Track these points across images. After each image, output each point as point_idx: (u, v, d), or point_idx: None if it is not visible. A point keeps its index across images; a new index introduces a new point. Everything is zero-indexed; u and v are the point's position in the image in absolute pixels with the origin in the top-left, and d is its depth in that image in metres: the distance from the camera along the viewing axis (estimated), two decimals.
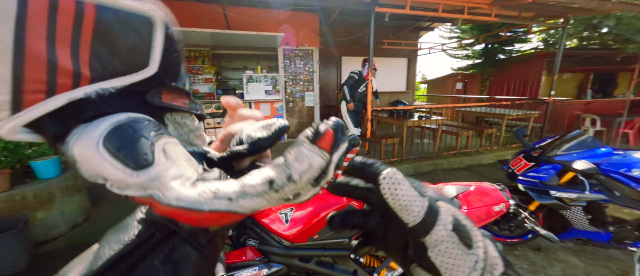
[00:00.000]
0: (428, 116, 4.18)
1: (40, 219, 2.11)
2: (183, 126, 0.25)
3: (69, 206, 2.32)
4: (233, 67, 7.36)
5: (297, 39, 5.64)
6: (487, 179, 3.56)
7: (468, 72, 9.53)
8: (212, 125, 5.20)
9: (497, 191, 1.16)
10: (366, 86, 3.75)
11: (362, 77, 3.69)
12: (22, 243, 1.86)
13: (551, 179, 1.78)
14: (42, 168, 2.18)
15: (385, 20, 4.45)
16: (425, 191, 0.22)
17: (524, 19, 4.38)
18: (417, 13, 3.48)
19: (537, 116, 4.76)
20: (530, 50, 8.37)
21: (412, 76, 8.47)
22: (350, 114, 3.76)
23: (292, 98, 5.98)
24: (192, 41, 5.31)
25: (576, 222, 1.74)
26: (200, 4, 4.73)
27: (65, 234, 2.27)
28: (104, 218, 2.56)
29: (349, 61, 7.69)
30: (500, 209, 1.08)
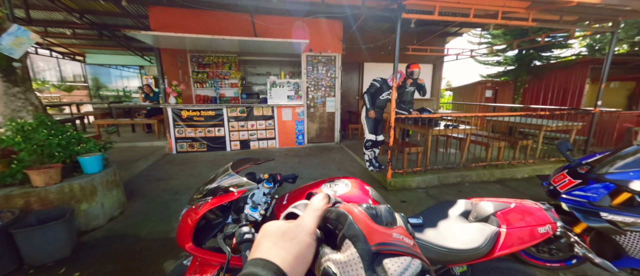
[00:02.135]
0: (455, 125, 3.98)
1: (83, 211, 2.31)
2: None
3: (108, 199, 2.52)
4: (258, 73, 7.62)
5: (320, 46, 5.71)
6: (523, 196, 3.29)
7: (499, 80, 8.99)
8: (236, 128, 5.40)
9: (542, 210, 1.05)
10: (390, 93, 3.68)
11: (385, 84, 3.63)
12: (68, 231, 2.04)
13: (602, 199, 1.59)
14: (88, 163, 2.40)
15: (411, 26, 4.35)
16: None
17: (566, 23, 4.05)
18: (446, 19, 3.37)
19: (581, 128, 4.34)
20: (571, 56, 7.71)
21: (437, 82, 8.18)
22: (367, 120, 3.75)
23: (313, 103, 6.04)
24: (221, 48, 5.59)
25: (632, 250, 1.54)
26: (230, 13, 4.99)
27: (103, 226, 2.46)
28: (137, 212, 2.74)
29: (372, 67, 7.62)
30: (545, 231, 0.98)
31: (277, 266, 0.23)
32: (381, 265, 0.27)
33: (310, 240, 0.28)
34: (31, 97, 2.45)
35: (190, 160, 4.72)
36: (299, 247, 0.26)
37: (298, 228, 0.29)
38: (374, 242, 0.28)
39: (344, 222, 0.30)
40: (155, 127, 5.76)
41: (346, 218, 0.30)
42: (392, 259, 0.27)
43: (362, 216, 0.31)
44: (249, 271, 0.23)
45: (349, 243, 0.28)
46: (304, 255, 0.27)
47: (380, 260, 0.27)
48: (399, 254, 0.28)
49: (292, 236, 0.27)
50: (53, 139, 2.29)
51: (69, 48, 8.46)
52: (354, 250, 0.28)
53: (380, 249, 0.28)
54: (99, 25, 5.92)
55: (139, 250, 2.10)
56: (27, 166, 2.16)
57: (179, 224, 1.13)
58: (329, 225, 0.32)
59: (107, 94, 10.35)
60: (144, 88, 6.48)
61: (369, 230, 0.29)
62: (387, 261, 0.27)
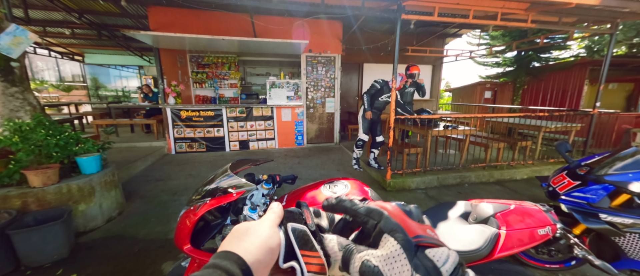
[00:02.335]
0: (455, 126, 3.99)
1: (81, 211, 2.30)
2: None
3: (107, 200, 2.50)
4: (257, 73, 7.62)
5: (319, 46, 5.72)
6: (522, 197, 3.30)
7: (498, 81, 9.02)
8: (235, 128, 5.39)
9: (542, 212, 1.05)
10: (390, 96, 3.70)
11: (386, 86, 3.64)
12: (66, 232, 2.03)
13: (601, 201, 1.59)
14: (86, 164, 2.39)
15: (410, 27, 4.37)
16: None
17: (565, 24, 4.06)
18: (446, 20, 3.38)
19: (580, 129, 4.35)
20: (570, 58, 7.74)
21: (436, 83, 8.19)
22: (363, 119, 3.78)
23: (313, 104, 6.03)
24: (220, 48, 5.59)
25: (632, 251, 1.54)
26: (230, 13, 4.99)
27: (101, 226, 2.44)
28: (135, 213, 2.73)
29: (371, 67, 7.62)
30: (545, 233, 0.98)
31: (238, 256, 0.25)
32: (425, 254, 0.27)
33: (271, 231, 0.30)
34: (29, 97, 2.44)
35: (190, 160, 4.71)
36: (260, 238, 0.28)
37: (259, 223, 0.31)
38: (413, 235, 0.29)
39: (378, 218, 0.30)
40: (154, 128, 5.74)
41: (381, 214, 0.31)
42: (432, 249, 0.28)
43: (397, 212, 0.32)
44: (211, 263, 0.24)
45: (388, 237, 0.28)
46: (266, 243, 0.28)
47: (422, 250, 0.28)
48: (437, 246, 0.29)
49: (254, 231, 0.30)
50: (51, 139, 2.28)
51: (68, 48, 8.44)
52: (394, 243, 0.28)
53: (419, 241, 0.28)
54: (98, 25, 5.91)
55: (137, 251, 2.09)
56: (24, 166, 2.15)
57: (177, 225, 1.13)
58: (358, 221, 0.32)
59: (106, 94, 10.32)
60: (143, 88, 6.47)
61: (405, 224, 0.30)
62: (430, 250, 0.28)
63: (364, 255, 0.29)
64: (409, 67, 4.08)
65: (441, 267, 0.26)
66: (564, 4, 3.06)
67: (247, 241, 0.28)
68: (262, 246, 0.28)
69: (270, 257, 0.28)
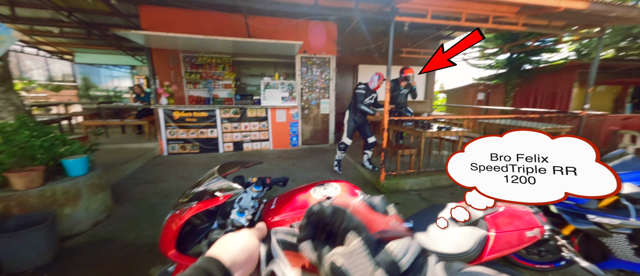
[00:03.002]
0: (448, 127, 4.02)
1: (67, 215, 2.23)
2: None
3: (93, 203, 2.44)
4: (252, 74, 7.56)
5: (314, 47, 5.71)
6: None
7: (491, 83, 9.16)
8: (229, 129, 5.34)
9: (530, 214, 1.06)
10: (374, 98, 3.70)
11: (368, 89, 3.66)
12: (50, 237, 1.96)
13: (589, 202, 1.61)
14: (72, 166, 2.32)
15: (405, 29, 4.40)
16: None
17: (554, 28, 4.14)
18: (439, 22, 3.41)
19: (569, 131, 4.43)
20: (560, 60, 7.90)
21: (430, 85, 8.27)
22: (348, 124, 3.80)
23: (307, 105, 6.02)
24: (214, 48, 5.53)
25: (619, 251, 1.56)
26: (223, 13, 4.94)
27: (88, 230, 2.37)
28: (123, 216, 2.66)
29: (366, 69, 7.65)
30: (533, 235, 0.98)
31: (216, 259, 0.27)
32: (384, 249, 0.29)
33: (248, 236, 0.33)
34: (12, 97, 2.36)
35: (182, 162, 4.63)
36: (237, 242, 0.31)
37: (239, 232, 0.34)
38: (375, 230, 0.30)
39: (343, 216, 0.32)
40: (145, 129, 5.64)
41: (345, 212, 0.32)
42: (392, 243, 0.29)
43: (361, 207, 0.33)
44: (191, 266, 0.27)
45: (351, 235, 0.30)
46: (242, 246, 0.31)
47: (383, 245, 0.29)
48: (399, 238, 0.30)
49: (232, 237, 0.32)
50: (35, 140, 2.21)
51: (57, 47, 8.24)
52: (357, 240, 0.29)
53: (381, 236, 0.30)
54: (87, 23, 5.79)
55: (124, 256, 2.04)
56: (6, 168, 2.07)
57: (162, 230, 1.10)
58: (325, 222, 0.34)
59: (97, 94, 10.10)
60: (135, 88, 6.35)
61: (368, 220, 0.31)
62: (390, 244, 0.29)
63: (331, 255, 0.30)
64: (403, 69, 4.10)
65: (399, 261, 0.27)
66: (553, 8, 3.12)
67: (225, 246, 0.30)
68: (239, 249, 0.30)
69: (246, 257, 0.30)
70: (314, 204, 0.34)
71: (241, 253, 0.30)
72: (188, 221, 1.07)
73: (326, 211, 0.33)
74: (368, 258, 0.28)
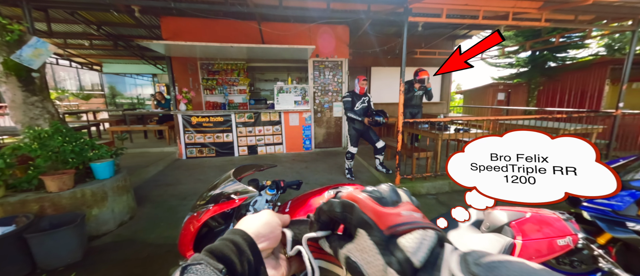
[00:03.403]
0: (466, 129, 3.87)
1: (94, 216, 2.36)
2: None
3: (119, 204, 2.57)
4: (265, 79, 7.72)
5: (326, 51, 5.74)
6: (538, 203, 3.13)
7: (512, 82, 8.75)
8: (244, 133, 5.45)
9: (561, 220, 0.98)
10: (367, 100, 3.60)
11: (354, 95, 3.57)
12: (80, 236, 2.09)
13: (628, 208, 1.48)
14: (100, 169, 2.46)
15: (418, 30, 4.32)
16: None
17: (582, 23, 3.90)
18: (454, 21, 3.31)
19: (601, 132, 4.12)
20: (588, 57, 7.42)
21: (446, 86, 8.03)
22: (350, 133, 3.75)
23: (320, 108, 6.04)
24: (230, 55, 5.70)
25: None
26: (238, 21, 5.10)
27: (113, 231, 2.50)
28: (146, 217, 2.78)
29: (379, 71, 7.57)
30: (565, 244, 0.91)
31: (241, 230, 0.30)
32: (396, 245, 0.27)
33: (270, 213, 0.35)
34: (48, 105, 2.55)
35: (199, 165, 4.79)
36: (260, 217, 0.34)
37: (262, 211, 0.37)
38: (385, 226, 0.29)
39: (351, 211, 0.31)
40: (166, 134, 5.90)
41: (353, 207, 0.31)
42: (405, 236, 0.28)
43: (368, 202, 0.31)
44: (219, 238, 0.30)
45: (361, 231, 0.29)
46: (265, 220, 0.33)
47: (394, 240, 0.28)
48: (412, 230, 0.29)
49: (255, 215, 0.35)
50: (67, 145, 2.37)
51: (87, 58, 8.87)
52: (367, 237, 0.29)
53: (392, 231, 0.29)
54: (114, 36, 6.18)
55: (146, 256, 2.12)
56: (42, 172, 2.24)
57: (181, 231, 1.13)
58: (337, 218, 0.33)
59: (122, 102, 10.75)
60: (156, 95, 6.68)
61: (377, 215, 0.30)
62: (402, 239, 0.28)
63: (345, 250, 0.30)
64: (417, 71, 4.02)
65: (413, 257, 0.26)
66: (580, 1, 2.94)
67: (249, 220, 0.33)
68: (262, 223, 0.33)
69: (270, 231, 0.32)
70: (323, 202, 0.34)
71: (264, 226, 0.32)
72: (205, 223, 1.10)
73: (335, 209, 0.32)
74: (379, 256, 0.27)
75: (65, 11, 4.74)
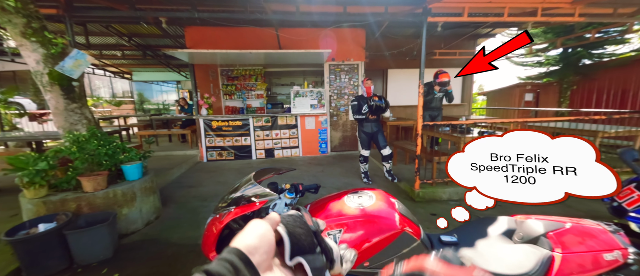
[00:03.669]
0: (491, 132, 3.67)
1: (124, 215, 2.50)
2: None
3: (146, 205, 2.71)
4: (282, 83, 7.85)
5: (342, 54, 5.73)
6: (577, 212, 2.88)
7: (541, 82, 8.21)
8: (261, 137, 5.57)
9: (607, 233, 0.88)
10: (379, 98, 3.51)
11: (361, 99, 3.50)
12: (111, 234, 2.22)
13: None
14: (130, 171, 2.62)
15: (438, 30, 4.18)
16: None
17: (621, 16, 3.58)
18: (477, 20, 3.18)
19: None
20: (630, 52, 6.78)
21: (468, 87, 7.70)
22: (360, 137, 3.69)
23: (336, 112, 6.02)
24: (248, 61, 5.88)
25: None
26: (257, 28, 5.25)
27: (141, 229, 2.63)
28: (170, 217, 2.90)
29: (396, 73, 7.43)
30: (613, 259, 0.82)
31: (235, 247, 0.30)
32: None
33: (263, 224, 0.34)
34: (86, 111, 2.77)
35: (219, 168, 4.94)
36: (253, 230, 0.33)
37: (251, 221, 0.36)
38: None
39: None
40: (188, 137, 6.17)
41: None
42: None
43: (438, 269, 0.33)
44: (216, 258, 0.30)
45: None
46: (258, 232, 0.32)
47: None
48: None
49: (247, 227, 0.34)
50: (101, 149, 2.55)
51: (119, 68, 9.57)
52: None
53: None
54: (143, 46, 6.62)
55: (170, 254, 2.21)
56: (79, 173, 2.42)
57: (204, 232, 1.16)
58: None
59: (149, 108, 11.44)
60: (180, 101, 7.02)
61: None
62: None
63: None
64: (437, 74, 3.89)
65: None
66: None
67: (241, 236, 0.32)
68: (255, 235, 0.32)
69: (263, 243, 0.32)
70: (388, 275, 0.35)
71: (256, 239, 0.32)
72: (227, 224, 1.12)
73: None
74: None
75: (101, 25, 5.16)
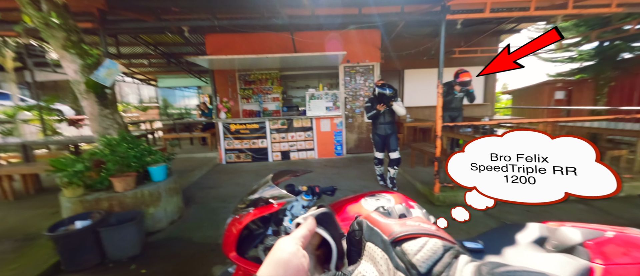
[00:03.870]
0: None
1: (150, 214, 2.65)
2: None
3: (170, 205, 2.84)
4: (297, 86, 7.95)
5: (357, 56, 5.70)
6: (618, 220, 2.63)
7: (573, 79, 7.63)
8: (277, 140, 5.66)
9: None
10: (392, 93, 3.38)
11: (376, 98, 3.38)
12: (139, 232, 2.35)
13: None
14: (156, 172, 2.77)
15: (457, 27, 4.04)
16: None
17: None
18: (501, 15, 3.03)
19: None
20: None
21: (490, 86, 7.34)
22: (374, 139, 3.60)
23: (351, 114, 5.98)
24: (264, 66, 6.02)
25: None
26: (273, 33, 5.38)
27: (165, 228, 2.77)
28: (192, 217, 3.03)
29: (413, 73, 7.26)
30: None
31: None
32: (400, 248, 0.32)
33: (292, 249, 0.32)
34: (117, 117, 2.97)
35: (237, 170, 5.08)
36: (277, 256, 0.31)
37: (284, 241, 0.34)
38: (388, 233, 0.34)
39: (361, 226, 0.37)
40: (209, 140, 6.42)
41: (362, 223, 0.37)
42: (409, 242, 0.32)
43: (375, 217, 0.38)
44: None
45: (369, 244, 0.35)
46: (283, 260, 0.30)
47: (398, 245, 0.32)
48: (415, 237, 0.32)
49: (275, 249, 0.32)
50: (131, 151, 2.72)
51: (145, 75, 10.19)
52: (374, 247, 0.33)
53: (395, 237, 0.33)
54: (167, 54, 7.01)
55: (193, 253, 2.30)
56: (111, 174, 2.59)
57: (224, 232, 1.19)
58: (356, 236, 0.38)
59: (172, 112, 12.06)
60: (201, 106, 7.34)
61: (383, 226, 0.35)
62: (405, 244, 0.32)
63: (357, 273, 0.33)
64: (458, 74, 3.74)
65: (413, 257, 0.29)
66: None
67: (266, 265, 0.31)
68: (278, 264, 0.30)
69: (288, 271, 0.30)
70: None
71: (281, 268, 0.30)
72: (246, 225, 1.15)
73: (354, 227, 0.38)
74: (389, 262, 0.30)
75: (130, 35, 5.53)
